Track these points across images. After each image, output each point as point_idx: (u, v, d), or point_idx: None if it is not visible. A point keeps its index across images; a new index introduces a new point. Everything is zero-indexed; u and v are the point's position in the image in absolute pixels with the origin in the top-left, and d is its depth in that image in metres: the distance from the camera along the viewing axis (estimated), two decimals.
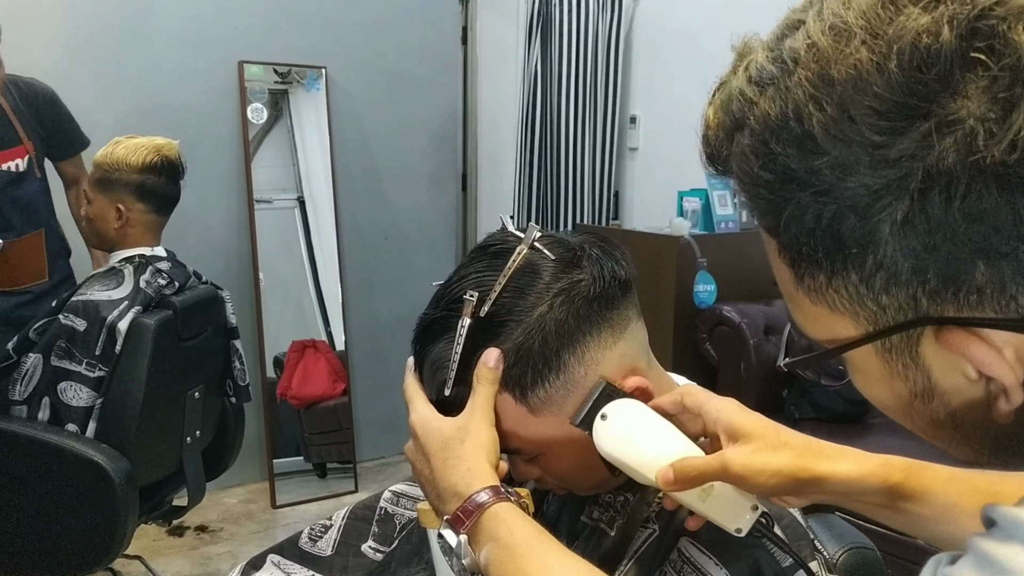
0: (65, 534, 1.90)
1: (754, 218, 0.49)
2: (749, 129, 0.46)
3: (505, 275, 0.74)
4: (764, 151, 0.45)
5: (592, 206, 3.87)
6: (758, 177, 0.45)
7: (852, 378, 0.51)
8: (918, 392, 0.47)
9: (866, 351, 0.47)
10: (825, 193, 0.43)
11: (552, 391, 0.74)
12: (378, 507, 1.02)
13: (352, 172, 3.49)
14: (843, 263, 0.44)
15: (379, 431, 3.66)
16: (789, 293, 0.50)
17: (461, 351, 0.74)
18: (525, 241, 0.75)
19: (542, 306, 0.73)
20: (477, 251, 0.79)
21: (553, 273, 0.74)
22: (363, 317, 3.57)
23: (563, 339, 0.73)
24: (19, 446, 1.87)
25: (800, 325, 0.51)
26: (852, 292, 0.45)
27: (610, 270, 0.76)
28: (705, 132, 0.51)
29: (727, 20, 3.56)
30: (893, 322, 0.45)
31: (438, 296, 0.78)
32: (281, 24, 3.29)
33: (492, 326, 0.74)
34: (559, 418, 0.75)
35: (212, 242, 3.17)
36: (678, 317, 2.76)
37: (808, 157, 0.43)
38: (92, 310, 1.90)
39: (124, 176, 2.01)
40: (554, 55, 3.82)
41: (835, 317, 0.47)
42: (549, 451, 0.78)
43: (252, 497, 3.28)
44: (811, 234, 0.44)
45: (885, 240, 0.42)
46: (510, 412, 0.75)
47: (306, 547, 1.03)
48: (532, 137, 3.88)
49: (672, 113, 3.83)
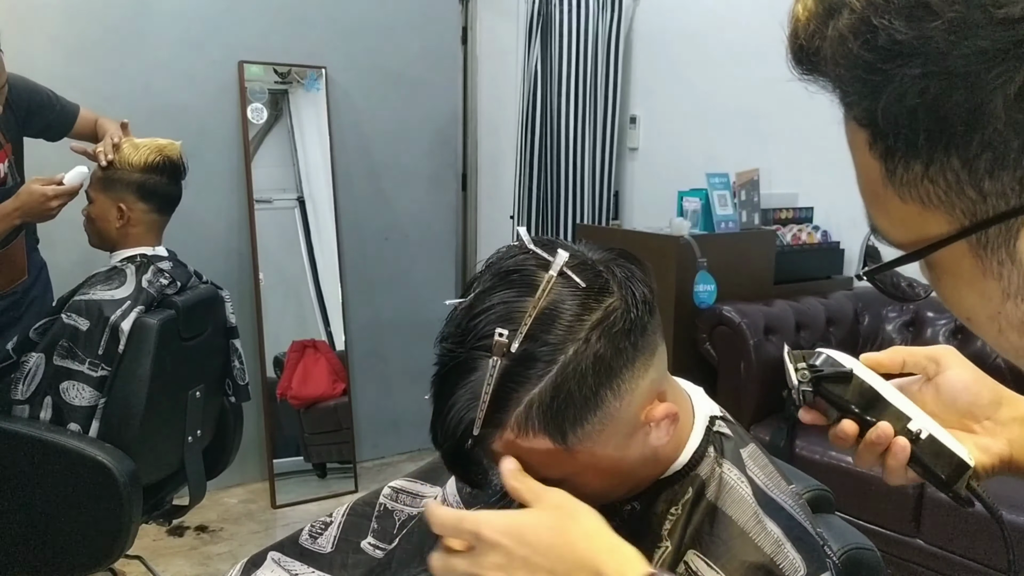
0: (69, 534, 1.90)
1: (847, 109, 0.46)
2: (848, 8, 0.43)
3: (535, 306, 0.69)
4: (865, 28, 0.42)
5: (592, 206, 3.87)
6: (857, 58, 0.43)
7: (937, 285, 0.48)
8: (1012, 292, 0.44)
9: (958, 249, 0.44)
10: (934, 62, 0.40)
11: (589, 428, 0.70)
12: (378, 503, 1.03)
13: (352, 172, 3.50)
14: (945, 146, 0.41)
15: (379, 431, 3.66)
16: (875, 193, 0.47)
17: (491, 394, 0.69)
18: (553, 268, 0.70)
19: (577, 342, 0.69)
20: (496, 277, 0.72)
21: (583, 303, 0.70)
22: (363, 317, 3.57)
23: (601, 377, 0.69)
24: (22, 446, 1.87)
25: (883, 231, 0.48)
26: (951, 180, 0.42)
27: (640, 294, 0.72)
28: (794, 27, 0.47)
29: (727, 20, 3.56)
30: (993, 212, 0.42)
31: (461, 331, 0.71)
32: (281, 24, 3.29)
33: (524, 365, 0.69)
34: (592, 451, 0.72)
35: (212, 242, 3.17)
36: (678, 317, 2.76)
37: (918, 24, 0.40)
38: (95, 310, 1.90)
39: (126, 176, 2.02)
40: (554, 55, 3.82)
41: (927, 214, 0.44)
42: (574, 479, 0.74)
43: (252, 497, 3.28)
44: (912, 115, 0.42)
45: (996, 115, 0.39)
46: (542, 453, 0.71)
47: (306, 544, 1.03)
48: (532, 137, 3.88)
49: (672, 113, 3.84)
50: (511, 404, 0.69)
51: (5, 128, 2.19)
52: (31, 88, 2.28)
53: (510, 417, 0.70)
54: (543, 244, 0.73)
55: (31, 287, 2.32)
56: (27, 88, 2.27)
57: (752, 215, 3.10)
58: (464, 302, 0.73)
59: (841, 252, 3.23)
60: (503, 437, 0.71)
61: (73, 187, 2.05)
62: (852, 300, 2.94)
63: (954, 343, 2.70)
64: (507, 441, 0.71)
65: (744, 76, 3.52)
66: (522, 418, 0.70)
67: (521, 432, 0.70)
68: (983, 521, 2.11)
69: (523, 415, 0.69)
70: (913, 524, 2.25)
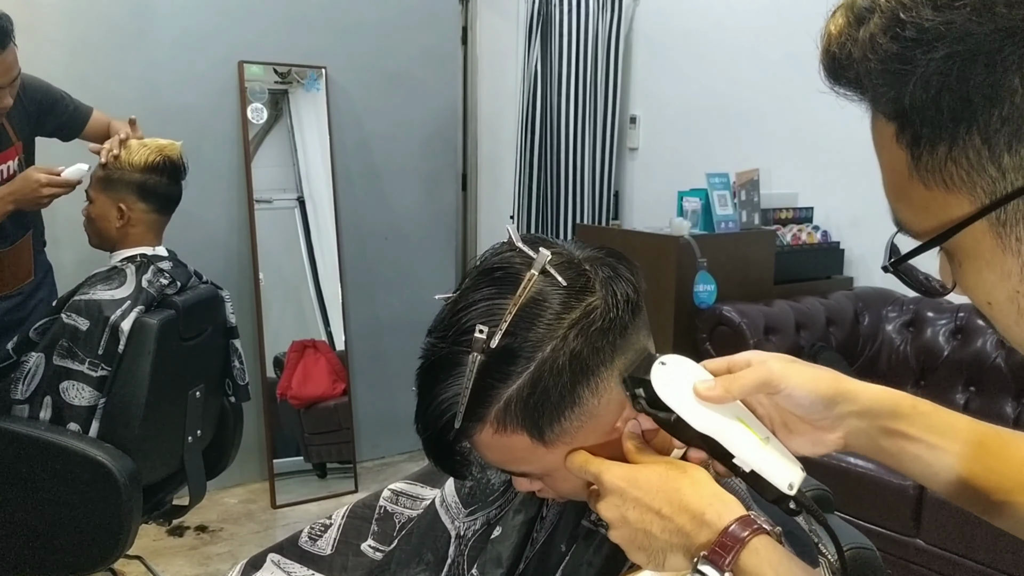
0: (69, 534, 1.90)
1: (875, 108, 0.51)
2: (878, 11, 0.47)
3: (516, 303, 0.70)
4: (894, 22, 0.46)
5: (592, 206, 3.87)
6: (886, 52, 0.47)
7: (958, 273, 0.51)
8: None
9: (979, 230, 0.48)
10: (958, 43, 0.44)
11: (567, 424, 0.72)
12: (377, 506, 1.03)
13: (352, 172, 3.50)
14: (968, 124, 0.45)
15: (379, 431, 3.66)
16: (900, 187, 0.51)
17: (471, 388, 0.70)
18: (535, 267, 0.71)
19: (555, 340, 0.70)
20: (482, 274, 0.74)
21: (564, 301, 0.71)
22: (363, 317, 3.57)
23: (578, 374, 0.70)
24: (22, 446, 1.87)
25: (908, 223, 0.52)
26: (973, 159, 0.46)
27: (623, 293, 0.73)
28: (827, 41, 0.52)
29: (727, 20, 3.56)
30: (1012, 187, 0.45)
31: (445, 326, 0.73)
32: (281, 24, 3.29)
33: (503, 361, 0.70)
34: (572, 446, 0.73)
35: (212, 242, 3.17)
36: (678, 317, 2.76)
37: (945, 10, 0.44)
38: (95, 310, 1.90)
39: (126, 175, 2.02)
40: (554, 55, 3.83)
41: (950, 197, 0.48)
42: (556, 474, 0.76)
43: (252, 497, 3.29)
44: (937, 97, 0.46)
45: (1014, 89, 0.43)
46: (521, 448, 0.72)
47: (306, 546, 1.03)
48: (532, 137, 3.89)
49: (672, 113, 3.84)
50: (491, 399, 0.71)
51: (17, 126, 2.21)
52: (45, 88, 2.31)
53: (490, 412, 0.71)
54: (530, 242, 0.74)
55: (37, 288, 2.33)
56: (41, 88, 2.29)
57: (752, 215, 3.10)
58: (451, 297, 0.74)
59: (841, 252, 3.23)
60: (483, 431, 0.72)
61: (69, 180, 2.06)
62: (852, 300, 2.94)
63: (954, 343, 2.71)
64: (488, 435, 0.72)
65: (744, 76, 3.52)
66: (501, 413, 0.71)
67: (501, 427, 0.71)
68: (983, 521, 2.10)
69: (502, 410, 0.71)
70: (913, 524, 2.25)
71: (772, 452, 0.71)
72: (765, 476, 0.70)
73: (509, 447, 0.73)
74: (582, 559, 0.82)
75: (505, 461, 0.76)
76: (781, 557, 0.64)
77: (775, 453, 0.71)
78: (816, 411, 0.71)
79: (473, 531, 0.94)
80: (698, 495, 0.67)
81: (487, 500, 0.95)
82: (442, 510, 0.97)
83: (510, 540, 0.90)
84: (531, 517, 0.90)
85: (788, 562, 0.64)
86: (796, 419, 0.73)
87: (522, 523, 0.90)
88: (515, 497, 0.93)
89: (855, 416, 0.71)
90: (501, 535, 0.91)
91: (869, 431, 0.72)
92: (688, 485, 0.68)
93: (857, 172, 3.21)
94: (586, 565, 0.81)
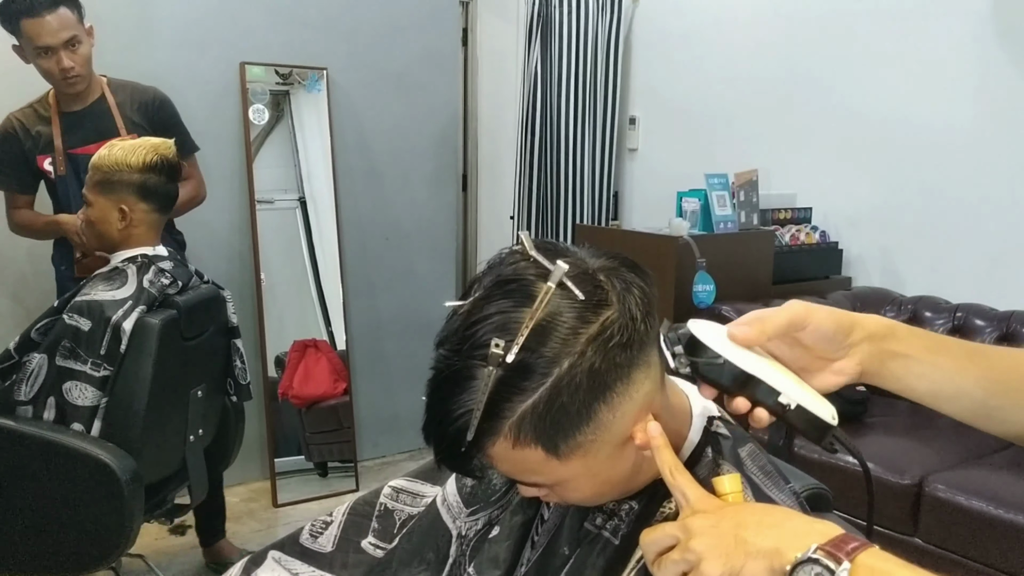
0: (72, 532, 1.91)
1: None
2: None
3: (532, 317, 0.68)
4: None
5: (592, 206, 3.88)
6: None
7: None
8: None
9: None
10: None
11: (581, 439, 0.71)
12: (378, 503, 1.03)
13: (353, 172, 3.51)
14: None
15: (380, 430, 3.67)
16: None
17: (485, 402, 0.69)
18: (552, 280, 0.69)
19: (572, 356, 0.68)
20: (496, 285, 0.71)
21: (581, 315, 0.69)
22: (364, 317, 3.58)
23: (596, 391, 0.69)
24: (26, 446, 1.88)
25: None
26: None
27: (640, 305, 0.71)
28: None
29: (726, 21, 3.57)
30: None
31: (458, 338, 0.70)
32: (282, 25, 3.30)
33: (519, 376, 0.68)
34: (584, 460, 0.72)
35: (214, 242, 3.18)
36: (677, 317, 2.77)
37: None
38: (96, 310, 1.91)
39: (125, 176, 2.02)
40: (554, 56, 3.84)
41: None
42: (566, 484, 0.75)
43: (253, 496, 3.29)
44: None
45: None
46: (534, 461, 0.72)
47: (307, 543, 1.03)
48: (532, 137, 3.89)
49: (671, 114, 3.85)
50: (505, 414, 0.69)
51: (128, 125, 2.52)
52: (172, 113, 2.64)
53: (504, 426, 0.70)
54: (545, 250, 0.72)
55: None
56: (171, 112, 2.63)
57: (751, 215, 3.11)
58: (463, 307, 0.73)
59: (839, 252, 3.24)
60: (496, 445, 0.71)
61: None
62: (851, 300, 2.95)
63: None
64: (500, 449, 0.71)
65: (743, 77, 3.53)
66: (515, 428, 0.70)
67: (514, 441, 0.70)
68: (981, 520, 2.12)
69: (516, 425, 0.70)
70: (911, 523, 2.26)
71: (809, 389, 0.77)
72: (810, 409, 0.75)
73: (522, 460, 0.72)
74: (585, 562, 0.82)
75: (517, 472, 0.75)
76: (900, 567, 0.67)
77: (811, 390, 0.77)
78: (837, 340, 0.77)
79: (475, 531, 0.94)
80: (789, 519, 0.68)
81: (489, 500, 0.95)
82: (443, 509, 0.97)
83: (508, 540, 0.90)
84: (530, 518, 0.90)
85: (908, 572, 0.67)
86: (813, 358, 0.79)
87: (521, 524, 0.90)
88: (515, 497, 0.92)
89: (867, 341, 0.78)
90: (499, 535, 0.91)
91: (879, 355, 0.78)
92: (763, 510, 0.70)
93: (856, 172, 3.22)
94: (590, 568, 0.81)
